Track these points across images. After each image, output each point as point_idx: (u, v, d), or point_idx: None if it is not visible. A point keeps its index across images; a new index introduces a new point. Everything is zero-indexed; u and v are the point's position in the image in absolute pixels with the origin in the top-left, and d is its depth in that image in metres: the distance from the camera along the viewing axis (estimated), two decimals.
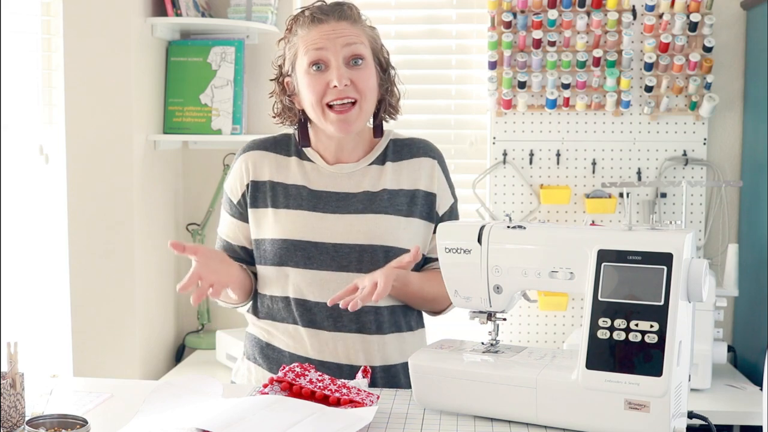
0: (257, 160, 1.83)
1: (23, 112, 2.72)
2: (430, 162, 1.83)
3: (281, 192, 1.79)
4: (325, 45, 1.71)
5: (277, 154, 1.83)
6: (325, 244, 1.74)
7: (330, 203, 1.77)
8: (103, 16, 2.83)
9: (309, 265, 1.74)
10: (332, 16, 1.74)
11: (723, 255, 3.11)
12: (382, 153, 1.83)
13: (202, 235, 3.23)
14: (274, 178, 1.81)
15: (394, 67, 1.84)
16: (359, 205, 1.77)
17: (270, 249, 1.76)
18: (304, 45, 1.74)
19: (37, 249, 2.81)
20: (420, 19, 3.31)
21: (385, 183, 1.79)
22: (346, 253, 1.74)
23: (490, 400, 1.44)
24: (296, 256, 1.74)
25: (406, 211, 1.77)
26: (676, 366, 1.33)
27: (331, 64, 1.72)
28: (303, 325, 1.76)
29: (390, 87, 1.82)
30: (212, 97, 3.13)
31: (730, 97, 3.16)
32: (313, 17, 1.74)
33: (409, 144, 1.85)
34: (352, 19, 1.76)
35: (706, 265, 1.38)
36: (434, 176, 1.82)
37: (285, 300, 1.77)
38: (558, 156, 3.19)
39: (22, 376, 1.35)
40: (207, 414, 1.37)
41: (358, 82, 1.72)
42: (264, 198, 1.80)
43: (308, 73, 1.73)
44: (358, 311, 1.72)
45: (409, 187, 1.80)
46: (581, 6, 3.08)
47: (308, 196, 1.78)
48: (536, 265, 1.47)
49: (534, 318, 3.25)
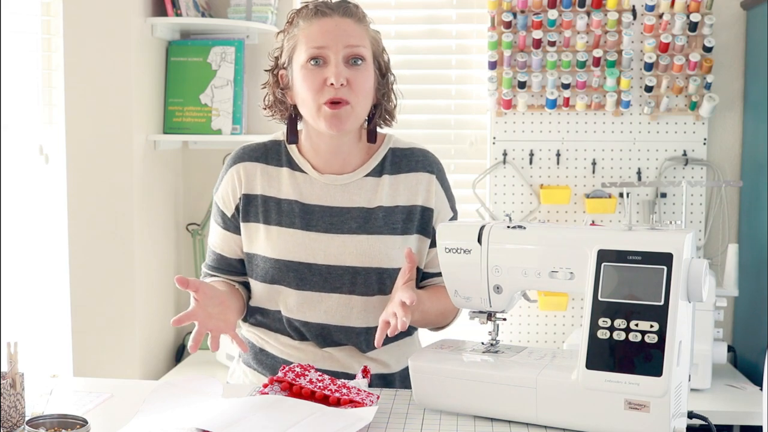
0: (249, 171, 1.76)
1: (23, 112, 2.72)
2: (428, 177, 1.76)
3: (273, 207, 1.73)
4: (326, 42, 1.66)
5: (268, 164, 1.76)
6: (318, 266, 1.70)
7: (323, 220, 1.72)
8: (103, 16, 2.83)
9: (301, 286, 1.71)
10: (336, 11, 1.68)
11: (723, 255, 3.11)
12: (380, 164, 1.77)
13: (202, 235, 3.23)
14: (266, 192, 1.75)
15: (393, 73, 1.79)
16: (353, 224, 1.72)
17: (262, 266, 1.73)
18: (305, 38, 1.68)
19: (37, 249, 2.81)
20: (420, 19, 3.31)
21: (381, 198, 1.73)
22: (339, 275, 1.70)
23: (490, 400, 1.44)
24: (288, 277, 1.71)
25: (401, 228, 1.73)
26: (676, 366, 1.33)
27: (330, 60, 1.66)
28: (295, 339, 1.75)
29: (387, 92, 1.77)
30: (212, 97, 3.13)
31: (730, 97, 3.16)
32: (317, 10, 1.69)
33: (408, 155, 1.78)
34: (356, 17, 1.71)
35: (706, 265, 1.38)
36: (432, 191, 1.76)
37: (277, 314, 1.75)
38: (558, 156, 3.19)
39: (22, 376, 1.35)
40: (207, 414, 1.37)
41: (355, 82, 1.66)
42: (256, 213, 1.74)
43: (305, 68, 1.67)
44: (350, 332, 1.71)
45: (406, 203, 1.74)
46: (581, 6, 3.08)
47: (300, 213, 1.72)
48: (536, 265, 1.47)
49: (534, 318, 3.25)
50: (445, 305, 1.70)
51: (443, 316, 1.76)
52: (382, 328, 1.55)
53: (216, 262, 1.81)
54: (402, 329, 1.51)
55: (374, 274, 1.70)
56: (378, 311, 1.70)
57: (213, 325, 1.60)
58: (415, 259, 1.63)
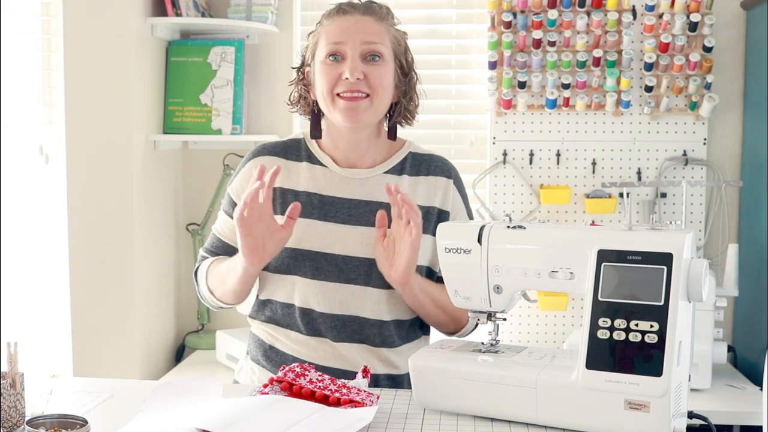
0: (268, 165, 1.76)
1: (23, 112, 2.72)
2: (446, 182, 1.82)
3: (291, 199, 1.75)
4: (344, 38, 1.71)
5: (288, 159, 1.81)
6: (334, 256, 1.72)
7: (341, 211, 1.75)
8: (103, 16, 2.83)
9: (317, 275, 1.72)
10: (359, 9, 1.75)
11: (723, 255, 3.11)
12: (400, 163, 1.81)
13: (202, 235, 3.23)
14: (284, 184, 1.78)
15: (417, 73, 1.83)
16: (371, 217, 1.74)
17: (279, 255, 1.73)
18: (325, 35, 1.74)
19: (37, 249, 2.81)
20: (420, 19, 3.31)
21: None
22: (355, 266, 1.72)
23: (490, 400, 1.44)
24: (304, 266, 1.72)
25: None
26: (676, 366, 1.33)
27: (348, 56, 1.71)
28: (307, 333, 1.75)
29: (409, 92, 1.82)
30: (212, 97, 3.13)
31: (730, 97, 3.16)
32: (340, 8, 1.75)
33: (428, 160, 1.84)
34: (378, 16, 1.75)
35: (706, 265, 1.38)
36: (449, 195, 1.81)
37: (290, 307, 1.75)
38: (558, 156, 3.19)
39: (22, 376, 1.35)
40: (207, 414, 1.37)
41: (372, 77, 1.71)
42: (273, 204, 1.75)
43: (324, 63, 1.73)
44: (363, 323, 1.71)
45: (425, 204, 1.78)
46: (581, 6, 3.08)
47: (319, 204, 1.76)
48: (536, 265, 1.47)
49: (534, 318, 3.25)
50: (460, 313, 1.75)
51: (454, 318, 1.77)
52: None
53: (219, 249, 1.83)
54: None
55: None
56: (392, 305, 1.73)
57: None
58: (395, 193, 1.64)
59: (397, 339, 1.76)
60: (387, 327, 1.74)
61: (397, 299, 1.74)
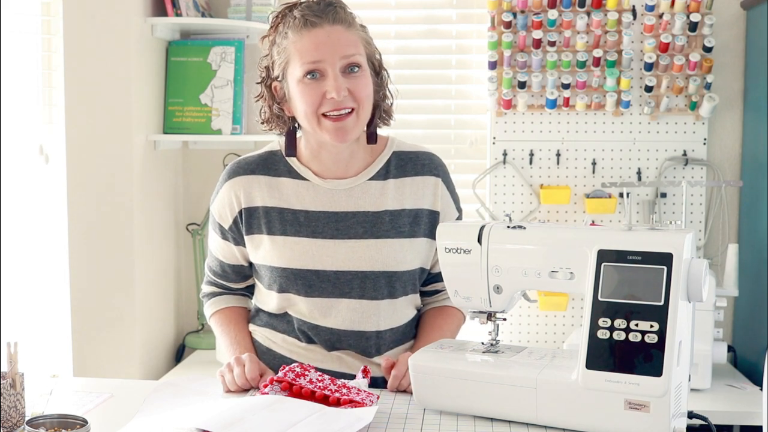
0: (246, 185, 1.73)
1: (23, 112, 2.72)
2: (434, 181, 1.76)
3: (276, 217, 1.71)
4: (321, 56, 1.62)
5: (267, 176, 1.73)
6: (326, 272, 1.70)
7: (329, 226, 1.71)
8: (103, 16, 2.83)
9: (311, 293, 1.70)
10: (326, 19, 1.63)
11: (723, 255, 3.11)
12: (384, 167, 1.75)
13: (202, 235, 3.23)
14: (267, 203, 1.72)
15: (386, 68, 1.76)
16: (359, 229, 1.71)
17: (270, 275, 1.72)
18: (298, 53, 1.63)
19: (37, 249, 2.81)
20: (420, 19, 3.31)
21: (386, 203, 1.72)
22: (349, 280, 1.70)
23: (490, 400, 1.44)
24: (297, 285, 1.70)
25: (408, 231, 1.72)
26: (676, 366, 1.33)
27: (328, 74, 1.62)
28: (304, 342, 1.75)
29: (383, 91, 1.75)
30: (212, 97, 3.13)
31: (730, 97, 3.16)
32: (306, 20, 1.63)
33: (413, 158, 1.77)
34: (346, 23, 1.66)
35: (706, 265, 1.38)
36: (438, 194, 1.76)
37: (286, 317, 1.76)
38: (558, 156, 3.19)
39: (22, 376, 1.35)
40: (207, 414, 1.38)
41: (356, 90, 1.64)
42: (258, 224, 1.72)
43: (302, 82, 1.64)
44: (360, 336, 1.72)
45: (413, 207, 1.74)
46: (581, 6, 3.08)
47: (305, 221, 1.71)
48: (536, 265, 1.47)
49: (534, 318, 3.25)
50: (458, 323, 1.81)
51: (458, 330, 1.84)
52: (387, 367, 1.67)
53: (218, 267, 1.83)
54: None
55: (383, 277, 1.71)
56: (388, 315, 1.73)
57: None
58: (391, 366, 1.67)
59: (391, 344, 1.77)
60: (383, 336, 1.74)
61: (392, 308, 1.74)
